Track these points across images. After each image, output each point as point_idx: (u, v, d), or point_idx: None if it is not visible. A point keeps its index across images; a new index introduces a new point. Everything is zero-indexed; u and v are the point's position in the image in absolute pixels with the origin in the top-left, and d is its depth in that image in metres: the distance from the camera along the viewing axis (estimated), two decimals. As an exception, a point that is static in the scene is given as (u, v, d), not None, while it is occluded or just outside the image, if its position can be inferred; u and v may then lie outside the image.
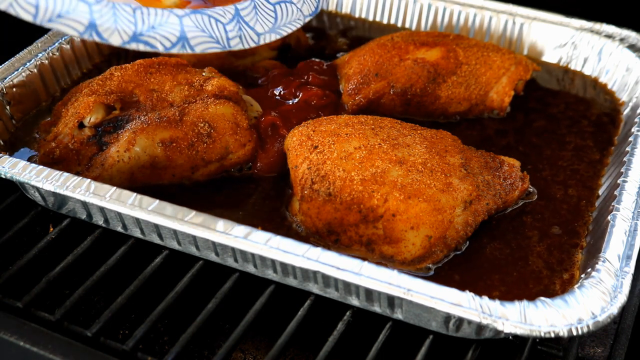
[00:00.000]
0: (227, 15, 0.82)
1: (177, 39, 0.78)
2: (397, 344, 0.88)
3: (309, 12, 0.89)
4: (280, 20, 0.86)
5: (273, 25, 0.85)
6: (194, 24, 0.79)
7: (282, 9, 0.86)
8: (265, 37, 0.85)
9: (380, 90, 1.14)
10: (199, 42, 0.80)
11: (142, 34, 0.77)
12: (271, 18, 0.85)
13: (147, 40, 0.77)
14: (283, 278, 0.88)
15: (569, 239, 0.94)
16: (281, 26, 0.86)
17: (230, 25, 0.82)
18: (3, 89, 1.11)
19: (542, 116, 1.18)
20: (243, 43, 0.83)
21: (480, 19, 1.33)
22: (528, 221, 0.97)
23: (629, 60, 1.21)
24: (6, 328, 0.83)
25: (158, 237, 0.93)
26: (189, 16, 0.79)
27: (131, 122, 1.01)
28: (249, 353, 0.95)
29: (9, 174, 0.94)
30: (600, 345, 0.92)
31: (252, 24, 0.84)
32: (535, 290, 0.87)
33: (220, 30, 0.81)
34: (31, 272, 0.96)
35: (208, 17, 0.80)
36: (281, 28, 0.86)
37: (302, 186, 0.93)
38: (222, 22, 0.82)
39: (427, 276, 0.89)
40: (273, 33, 0.85)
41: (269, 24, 0.85)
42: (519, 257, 0.92)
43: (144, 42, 0.77)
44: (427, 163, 0.93)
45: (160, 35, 0.78)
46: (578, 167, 1.06)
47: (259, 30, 0.84)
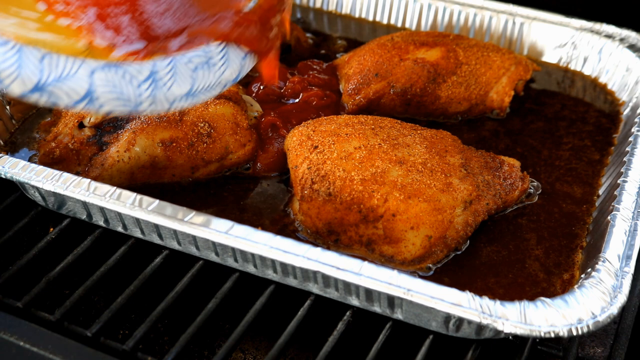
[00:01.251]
0: (143, 74, 0.75)
1: (84, 94, 0.71)
2: (397, 344, 0.88)
3: (230, 79, 0.82)
4: (196, 87, 0.78)
5: (189, 89, 0.78)
6: (105, 79, 0.72)
7: (201, 74, 0.78)
8: (179, 102, 0.77)
9: (380, 90, 1.14)
10: (107, 99, 0.72)
11: (46, 85, 0.70)
12: (188, 83, 0.77)
13: (51, 92, 0.70)
14: (283, 278, 0.88)
15: (568, 239, 0.94)
16: (197, 92, 0.79)
17: (144, 85, 0.74)
18: (3, 89, 1.11)
19: (542, 116, 1.18)
20: (154, 106, 0.75)
21: (480, 19, 1.33)
22: (527, 222, 0.97)
23: (629, 60, 1.21)
24: (6, 328, 0.83)
25: (158, 237, 0.93)
26: (101, 70, 0.72)
27: (131, 122, 1.01)
28: (249, 353, 0.95)
29: (9, 174, 0.94)
30: (600, 345, 0.92)
31: (167, 86, 0.76)
32: (536, 289, 0.87)
33: (132, 88, 0.74)
34: (31, 272, 0.96)
35: (122, 73, 0.73)
36: (197, 95, 0.78)
37: (302, 186, 0.93)
38: (136, 79, 0.74)
39: (427, 276, 0.89)
40: (189, 99, 0.78)
41: (184, 89, 0.77)
42: (519, 257, 0.92)
43: (48, 94, 0.70)
44: (427, 163, 0.93)
45: (66, 88, 0.70)
46: (578, 167, 1.06)
47: (175, 92, 0.76)
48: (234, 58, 0.82)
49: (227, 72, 0.81)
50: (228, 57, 0.81)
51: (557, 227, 0.96)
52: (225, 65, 0.81)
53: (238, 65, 0.83)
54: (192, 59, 0.79)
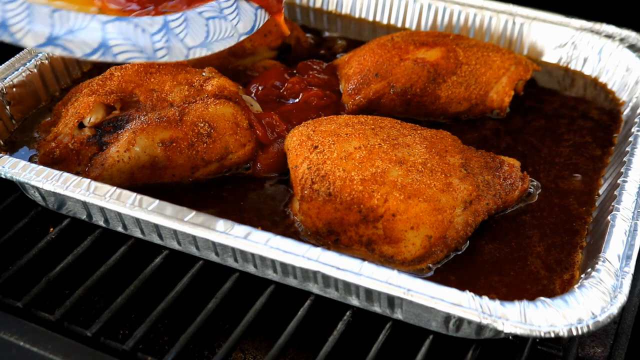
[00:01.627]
0: (155, 26, 0.77)
1: (98, 45, 0.73)
2: (397, 344, 0.88)
3: (244, 31, 0.85)
4: (212, 36, 0.82)
5: (204, 40, 0.81)
6: (117, 31, 0.75)
7: (215, 25, 0.82)
8: (195, 51, 0.80)
9: (380, 90, 1.14)
10: (121, 50, 0.75)
11: (58, 37, 0.72)
12: (203, 32, 0.81)
13: (64, 44, 0.72)
14: (283, 278, 0.88)
15: (569, 239, 0.94)
16: (213, 42, 0.82)
17: (157, 36, 0.77)
18: (3, 89, 1.11)
19: (542, 116, 1.18)
20: (170, 55, 0.78)
21: (480, 19, 1.33)
22: (527, 221, 0.97)
23: (629, 60, 1.21)
24: (6, 328, 0.83)
25: (158, 237, 0.93)
26: (113, 22, 0.75)
27: (131, 122, 1.01)
28: (249, 353, 0.95)
29: (9, 174, 0.94)
30: (600, 345, 0.92)
31: (181, 36, 0.79)
32: (535, 290, 0.87)
33: (146, 39, 0.76)
34: (31, 272, 0.96)
35: (134, 25, 0.76)
36: (213, 43, 0.82)
37: (302, 186, 0.93)
38: (149, 31, 0.77)
39: (427, 276, 0.89)
40: (204, 48, 0.81)
41: (199, 38, 0.81)
42: (519, 257, 0.92)
43: (62, 47, 0.72)
44: (427, 163, 0.93)
45: (79, 40, 0.73)
46: (578, 167, 1.06)
47: (188, 43, 0.80)
48: (246, 11, 0.86)
49: (240, 24, 0.85)
50: (240, 10, 0.85)
51: (558, 223, 0.96)
52: (237, 17, 0.85)
53: (251, 18, 0.86)
54: (203, 12, 0.82)
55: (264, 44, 1.26)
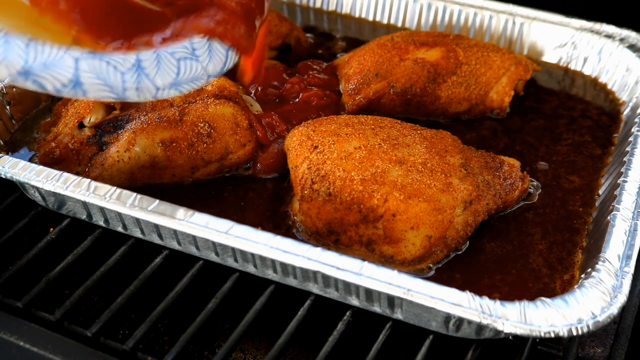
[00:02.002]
0: (127, 64, 0.78)
1: (69, 80, 0.73)
2: (397, 344, 0.88)
3: (214, 72, 0.85)
4: (182, 76, 0.82)
5: (174, 80, 0.81)
6: (90, 67, 0.75)
7: (185, 66, 0.82)
8: (163, 91, 0.80)
9: (380, 90, 1.14)
10: (91, 87, 0.75)
11: (32, 70, 0.72)
12: (173, 73, 0.81)
13: (36, 78, 0.72)
14: (283, 278, 0.88)
15: (569, 238, 0.94)
16: (183, 82, 0.82)
17: (128, 74, 0.77)
18: (3, 89, 1.11)
19: (542, 116, 1.18)
20: (139, 94, 0.78)
21: (480, 19, 1.33)
22: (527, 222, 0.97)
23: (629, 60, 1.21)
24: (6, 328, 0.83)
25: (158, 237, 0.93)
26: (86, 59, 0.75)
27: (131, 122, 1.01)
28: (249, 353, 0.95)
29: (9, 174, 0.94)
30: (600, 345, 0.92)
31: (151, 76, 0.79)
32: (536, 288, 0.87)
33: (117, 77, 0.76)
34: (31, 272, 0.96)
35: (107, 62, 0.76)
36: (182, 84, 0.82)
37: (302, 186, 0.93)
38: (120, 69, 0.77)
39: (427, 276, 0.89)
40: (173, 88, 0.81)
41: (169, 79, 0.81)
42: (521, 255, 0.92)
43: (32, 80, 0.72)
44: (427, 163, 0.93)
45: (52, 74, 0.73)
46: (578, 167, 1.06)
47: (158, 83, 0.79)
48: (217, 51, 0.85)
49: (210, 64, 0.84)
50: (211, 51, 0.84)
51: (559, 223, 0.96)
52: (208, 58, 0.84)
53: (222, 59, 0.86)
54: (175, 51, 0.81)
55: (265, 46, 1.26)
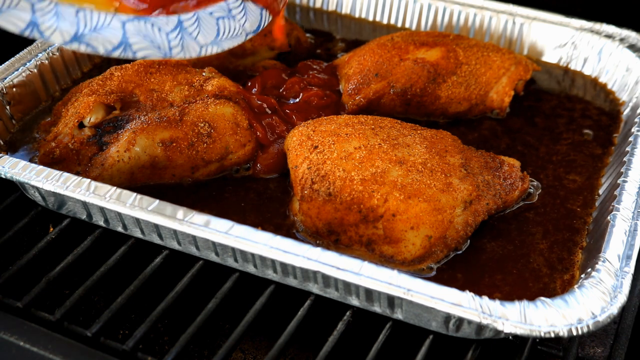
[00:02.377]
0: (170, 25, 0.84)
1: (119, 42, 0.80)
2: (397, 344, 0.88)
3: (251, 30, 0.93)
4: (222, 35, 0.89)
5: (215, 38, 0.88)
6: (136, 29, 0.81)
7: (224, 24, 0.89)
8: (207, 48, 0.88)
9: (380, 90, 1.14)
10: (140, 47, 0.82)
11: (83, 35, 0.79)
12: (213, 31, 0.88)
13: (88, 41, 0.79)
14: (283, 278, 0.88)
15: (569, 238, 0.94)
16: (223, 39, 0.89)
17: (172, 34, 0.84)
18: (3, 89, 1.11)
19: (542, 116, 1.18)
20: (184, 52, 0.85)
21: (480, 19, 1.33)
22: (527, 222, 0.97)
23: (629, 60, 1.21)
24: (6, 328, 0.83)
25: (158, 237, 0.93)
26: (132, 22, 0.81)
27: (131, 122, 1.01)
28: (249, 353, 0.95)
29: (9, 174, 0.94)
30: (600, 345, 0.92)
31: (194, 34, 0.86)
32: (536, 288, 0.87)
33: (162, 37, 0.83)
34: (31, 272, 0.96)
35: (151, 24, 0.83)
36: (223, 41, 0.89)
37: (302, 186, 0.93)
38: (164, 30, 0.84)
39: (427, 276, 0.89)
40: (215, 45, 0.89)
41: (210, 37, 0.88)
42: (521, 254, 0.92)
43: (86, 44, 0.79)
44: (427, 163, 0.93)
45: (102, 37, 0.79)
46: (578, 167, 1.06)
47: (201, 41, 0.87)
48: (252, 11, 0.92)
49: (247, 23, 0.92)
50: (246, 10, 0.92)
51: (559, 223, 0.96)
52: (245, 17, 0.92)
53: (257, 18, 0.93)
54: (214, 12, 0.89)
55: (264, 44, 1.26)
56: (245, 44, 1.23)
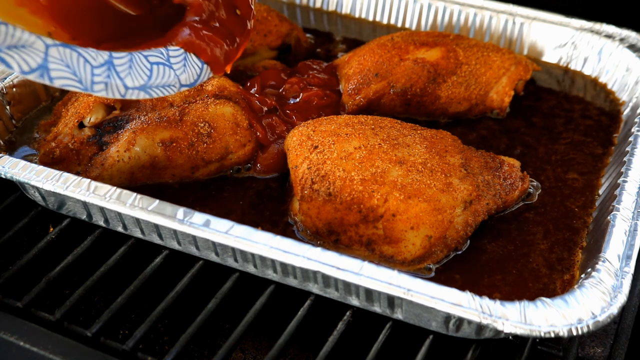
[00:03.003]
0: (99, 59, 0.78)
1: (37, 65, 0.74)
2: (397, 344, 0.88)
3: (186, 83, 0.86)
4: (153, 80, 0.83)
5: (145, 83, 0.82)
6: (60, 56, 0.75)
7: (158, 71, 0.83)
8: (133, 92, 0.81)
9: (380, 90, 1.14)
10: (59, 75, 0.75)
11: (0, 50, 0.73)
12: (144, 76, 0.82)
13: (3, 57, 0.72)
14: (283, 278, 0.88)
15: (569, 238, 0.94)
16: (153, 87, 0.83)
17: (98, 70, 0.78)
18: (3, 89, 1.11)
19: (542, 116, 1.18)
20: (107, 91, 0.79)
21: (480, 19, 1.33)
22: (527, 222, 0.97)
23: (629, 60, 1.21)
24: (6, 328, 0.83)
25: (158, 237, 0.93)
26: (56, 47, 0.75)
27: (131, 122, 1.01)
28: (249, 353, 0.95)
29: (9, 174, 0.94)
30: (600, 345, 0.92)
31: (122, 75, 0.80)
32: (536, 288, 0.87)
33: (86, 71, 0.77)
34: (31, 272, 0.96)
35: (77, 54, 0.77)
36: (153, 89, 0.83)
37: (302, 186, 0.93)
38: (91, 63, 0.78)
39: (427, 276, 0.89)
40: (142, 91, 0.82)
41: (139, 81, 0.82)
42: (522, 254, 0.92)
43: (0, 59, 0.73)
44: (427, 163, 0.93)
45: (20, 56, 0.73)
46: (578, 167, 1.06)
47: (128, 83, 0.80)
48: (192, 64, 0.86)
49: (184, 75, 0.85)
50: (187, 62, 0.86)
51: (559, 223, 0.96)
52: (183, 69, 0.85)
53: (196, 72, 0.87)
54: (150, 56, 0.83)
55: (264, 44, 1.26)
56: (245, 44, 1.23)
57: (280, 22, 1.28)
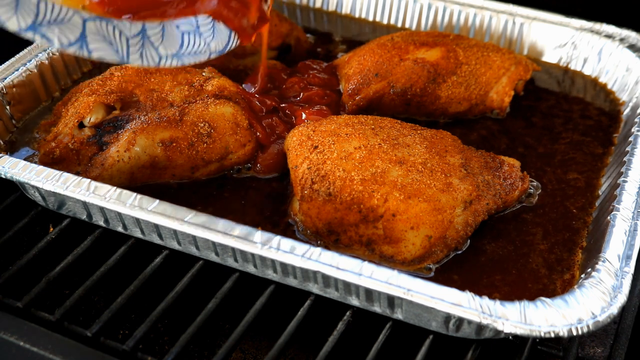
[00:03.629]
0: (133, 30, 0.82)
1: (76, 39, 0.78)
2: (397, 344, 0.88)
3: (216, 50, 0.91)
4: (185, 49, 0.87)
5: (177, 51, 0.86)
6: (97, 29, 0.79)
7: (189, 39, 0.87)
8: (166, 60, 0.85)
9: (380, 90, 1.14)
10: (97, 47, 0.79)
11: (40, 25, 0.76)
12: (177, 44, 0.86)
13: (44, 32, 0.76)
14: (283, 278, 0.88)
15: (569, 238, 0.94)
16: (185, 54, 0.87)
17: (133, 40, 0.82)
18: (3, 89, 1.11)
19: (542, 116, 1.18)
20: (142, 60, 0.83)
21: (480, 19, 1.33)
22: (527, 222, 0.97)
23: (629, 60, 1.21)
24: (6, 328, 0.83)
25: (158, 237, 0.93)
26: (93, 21, 0.79)
27: (131, 122, 1.01)
28: (249, 353, 0.95)
29: (9, 174, 0.94)
30: (600, 345, 0.92)
31: (156, 44, 0.84)
32: (536, 289, 0.87)
33: (122, 41, 0.81)
34: (31, 272, 0.96)
35: (113, 26, 0.81)
36: (185, 56, 0.87)
37: (302, 186, 0.93)
38: (125, 34, 0.82)
39: (427, 276, 0.89)
40: (176, 59, 0.86)
41: (173, 49, 0.86)
42: (522, 254, 0.92)
43: (41, 34, 0.77)
44: (427, 163, 0.93)
45: (59, 31, 0.77)
46: (578, 167, 1.06)
47: (161, 52, 0.85)
48: (221, 32, 0.90)
49: (213, 42, 0.90)
50: (215, 30, 0.90)
51: (559, 223, 0.96)
52: (212, 36, 0.89)
53: (224, 39, 0.91)
54: (180, 25, 0.86)
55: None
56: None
57: (280, 22, 1.28)
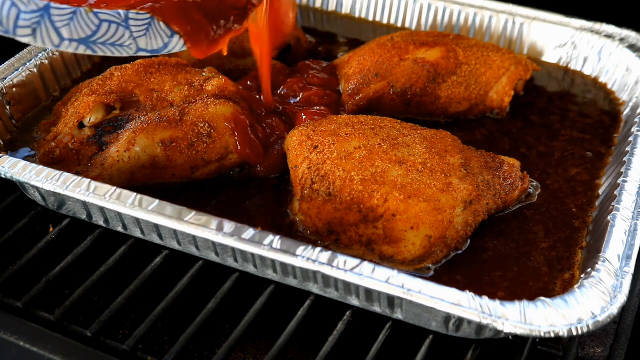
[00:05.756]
0: (31, 6, 0.74)
1: None
2: (397, 344, 0.88)
3: (147, 47, 0.83)
4: (98, 37, 0.79)
5: (86, 38, 0.78)
6: None
7: (108, 28, 0.79)
8: (70, 44, 0.77)
9: (380, 90, 1.14)
10: None
11: None
12: (87, 30, 0.78)
13: None
14: (283, 278, 0.88)
15: (569, 238, 0.94)
16: (97, 42, 0.79)
17: (28, 15, 0.74)
18: (3, 89, 1.11)
19: (542, 116, 1.18)
20: (35, 37, 0.75)
21: (480, 19, 1.33)
22: (527, 222, 0.97)
23: (629, 60, 1.21)
24: (6, 328, 0.83)
25: (158, 237, 0.93)
26: None
27: (131, 122, 1.01)
28: (249, 353, 0.95)
29: (9, 174, 0.94)
30: (600, 345, 0.92)
31: (58, 25, 0.76)
32: (536, 287, 0.87)
33: (11, 12, 0.73)
34: (31, 272, 0.96)
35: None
36: (97, 44, 0.79)
37: (302, 186, 0.93)
38: (18, 7, 0.74)
39: (427, 276, 0.89)
40: (83, 45, 0.78)
41: (79, 34, 0.78)
42: (519, 256, 0.92)
43: None
44: (427, 163, 0.93)
45: None
46: (578, 167, 1.06)
47: (64, 34, 0.76)
48: (159, 31, 0.83)
49: (144, 39, 0.82)
50: (151, 28, 0.82)
51: (558, 223, 0.96)
52: (144, 32, 0.82)
53: (162, 40, 0.84)
54: (101, 14, 0.79)
55: None
56: (245, 44, 1.23)
57: (280, 22, 1.28)
